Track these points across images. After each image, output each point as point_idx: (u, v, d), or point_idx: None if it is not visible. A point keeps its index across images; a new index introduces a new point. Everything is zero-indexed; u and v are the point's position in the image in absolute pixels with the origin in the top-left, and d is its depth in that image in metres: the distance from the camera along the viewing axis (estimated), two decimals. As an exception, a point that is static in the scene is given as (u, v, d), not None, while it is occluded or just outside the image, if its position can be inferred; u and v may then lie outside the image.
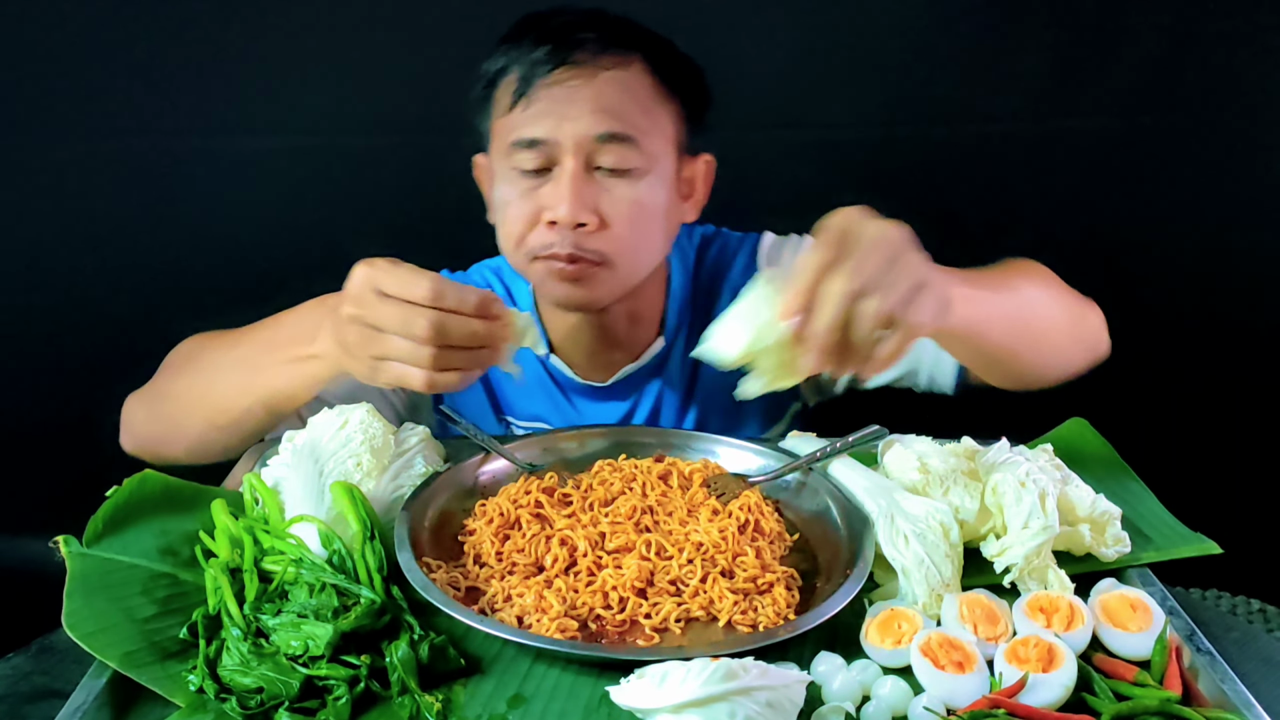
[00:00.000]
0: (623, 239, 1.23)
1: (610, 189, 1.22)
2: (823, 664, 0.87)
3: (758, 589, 0.98)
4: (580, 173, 1.20)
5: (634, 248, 1.25)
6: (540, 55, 1.21)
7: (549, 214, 1.20)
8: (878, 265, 0.86)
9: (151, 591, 0.94)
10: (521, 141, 1.21)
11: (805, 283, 0.86)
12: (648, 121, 1.24)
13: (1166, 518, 1.12)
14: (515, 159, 1.22)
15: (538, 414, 1.42)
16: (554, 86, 1.20)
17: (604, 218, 1.21)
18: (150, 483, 1.05)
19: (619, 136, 1.20)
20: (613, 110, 1.20)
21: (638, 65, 1.24)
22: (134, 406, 1.24)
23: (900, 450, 1.10)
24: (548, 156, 1.21)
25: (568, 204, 1.19)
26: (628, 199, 1.22)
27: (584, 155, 1.20)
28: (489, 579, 0.98)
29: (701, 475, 1.14)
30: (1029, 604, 0.94)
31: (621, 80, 1.22)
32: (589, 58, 1.21)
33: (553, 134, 1.20)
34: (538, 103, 1.20)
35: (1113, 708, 0.83)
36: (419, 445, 1.13)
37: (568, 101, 1.20)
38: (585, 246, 1.21)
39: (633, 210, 1.23)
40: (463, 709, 0.83)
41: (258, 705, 0.82)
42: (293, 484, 1.02)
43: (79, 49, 1.67)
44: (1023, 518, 0.97)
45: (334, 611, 0.88)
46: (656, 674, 0.78)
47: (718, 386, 1.37)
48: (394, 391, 1.36)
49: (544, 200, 1.21)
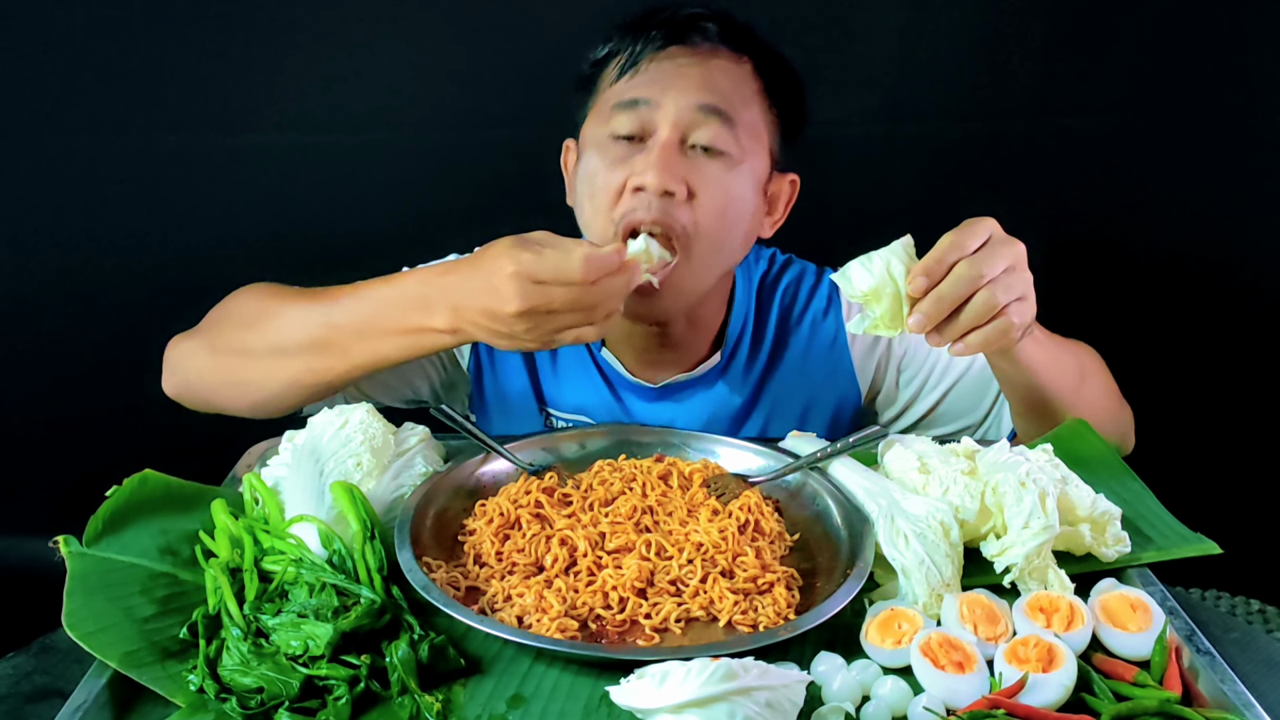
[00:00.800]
0: (707, 218, 1.21)
1: (701, 166, 1.21)
2: (823, 664, 0.87)
3: (758, 589, 0.98)
4: (674, 142, 1.20)
5: (715, 233, 1.23)
6: (657, 34, 1.23)
7: (636, 179, 1.19)
8: (1003, 267, 1.01)
9: (151, 591, 0.94)
10: (622, 103, 1.22)
11: (942, 256, 1.00)
12: (748, 115, 1.24)
13: (1166, 518, 1.12)
14: (612, 122, 1.23)
15: (582, 407, 1.40)
16: (664, 60, 1.22)
17: (692, 190, 1.20)
18: (150, 483, 1.05)
19: (719, 111, 1.20)
20: (717, 88, 1.22)
21: (748, 67, 1.26)
22: (186, 352, 1.24)
23: (900, 450, 1.10)
24: (644, 123, 1.21)
25: (656, 170, 1.18)
26: (717, 179, 1.22)
27: (681, 127, 1.20)
28: (489, 579, 0.98)
29: (701, 475, 1.14)
30: (1029, 604, 0.94)
31: (732, 71, 1.24)
32: (703, 43, 1.24)
33: (656, 97, 1.20)
34: (644, 73, 1.22)
35: (1113, 708, 0.83)
36: (419, 445, 1.13)
37: (675, 75, 1.22)
38: (671, 215, 1.19)
39: (720, 192, 1.22)
40: (463, 709, 0.83)
41: (258, 705, 0.82)
42: (293, 484, 1.02)
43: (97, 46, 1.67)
44: (1023, 518, 0.97)
45: (334, 611, 0.88)
46: (656, 674, 0.78)
47: (784, 402, 1.39)
48: (434, 371, 1.39)
49: (635, 167, 1.20)
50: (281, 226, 1.79)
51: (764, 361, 1.41)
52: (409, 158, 1.77)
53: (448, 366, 1.40)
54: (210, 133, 1.74)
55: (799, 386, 1.40)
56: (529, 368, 1.41)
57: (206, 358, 1.22)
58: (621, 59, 1.24)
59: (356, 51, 1.71)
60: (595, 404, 1.40)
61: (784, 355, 1.41)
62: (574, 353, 1.39)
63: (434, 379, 1.38)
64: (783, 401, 1.40)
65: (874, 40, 1.72)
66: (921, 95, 1.77)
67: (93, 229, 1.78)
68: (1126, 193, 1.86)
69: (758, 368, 1.40)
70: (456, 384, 1.41)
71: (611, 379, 1.40)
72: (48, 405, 1.88)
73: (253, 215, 1.80)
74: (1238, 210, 1.87)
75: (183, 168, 1.75)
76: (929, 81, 1.76)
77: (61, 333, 1.84)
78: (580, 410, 1.40)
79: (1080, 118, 1.79)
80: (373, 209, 1.79)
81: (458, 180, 1.77)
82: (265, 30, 1.69)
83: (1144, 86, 1.77)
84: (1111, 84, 1.77)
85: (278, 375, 1.17)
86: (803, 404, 1.41)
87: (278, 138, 1.75)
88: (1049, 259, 1.66)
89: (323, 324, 1.14)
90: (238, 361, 1.20)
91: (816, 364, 1.41)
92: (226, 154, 1.76)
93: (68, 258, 1.79)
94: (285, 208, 1.79)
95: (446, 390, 1.41)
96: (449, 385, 1.41)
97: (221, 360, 1.21)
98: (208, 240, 1.80)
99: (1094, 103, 1.78)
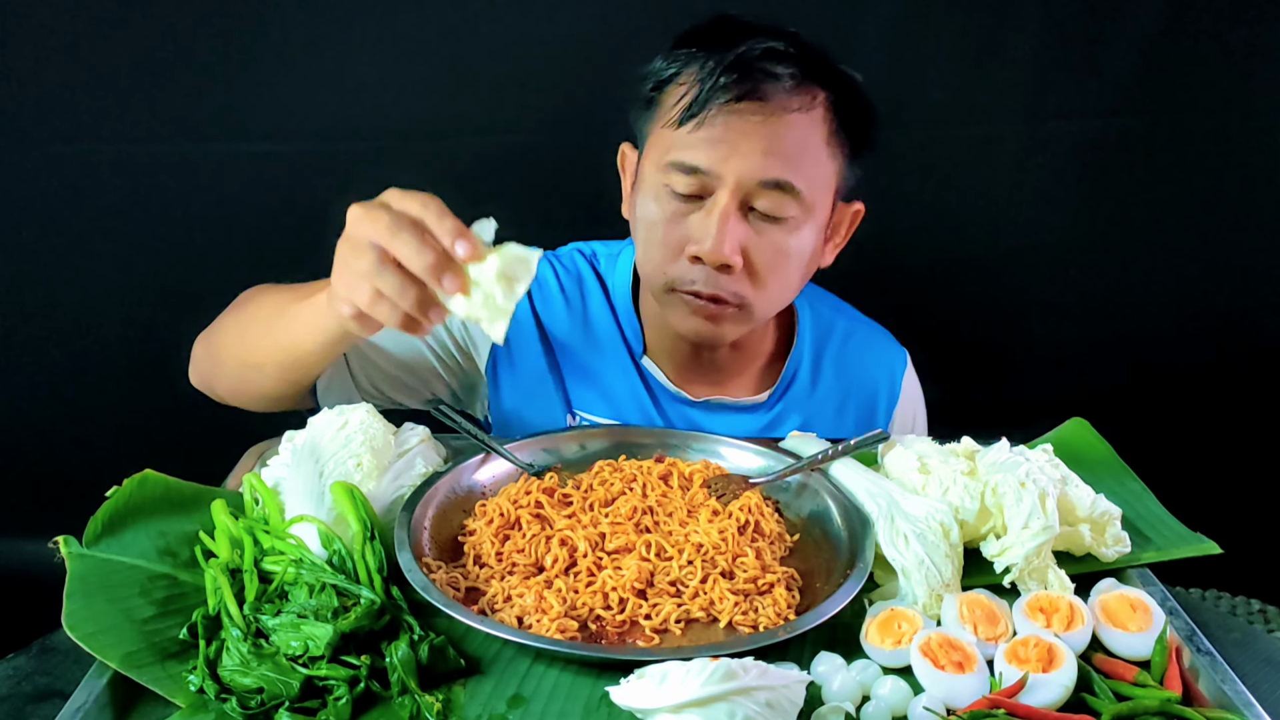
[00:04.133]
0: (765, 287, 1.21)
1: (761, 232, 1.19)
2: (823, 664, 0.87)
3: (758, 589, 0.98)
4: (734, 211, 1.16)
5: (774, 295, 1.24)
6: (726, 81, 1.14)
7: (694, 248, 1.17)
8: None
9: (151, 592, 0.93)
10: (682, 165, 1.17)
11: None
12: (816, 171, 1.20)
13: (1166, 518, 1.12)
14: (670, 179, 1.18)
15: (619, 414, 1.38)
16: (731, 116, 1.15)
17: (750, 261, 1.19)
18: (150, 483, 1.05)
19: (783, 185, 1.16)
20: (785, 156, 1.16)
21: (821, 107, 1.19)
22: (199, 348, 1.27)
23: (900, 450, 1.10)
24: (704, 185, 1.17)
25: (714, 241, 1.15)
26: (777, 247, 1.19)
27: (742, 194, 1.17)
28: (489, 579, 0.98)
29: (702, 476, 1.14)
30: (1029, 604, 0.94)
31: (801, 126, 1.17)
32: (775, 92, 1.15)
33: (716, 167, 1.15)
34: (709, 128, 1.15)
35: (1113, 708, 0.83)
36: (419, 445, 1.13)
37: (741, 136, 1.15)
38: (726, 288, 1.19)
39: (779, 258, 1.20)
40: (463, 709, 0.83)
41: (258, 705, 0.82)
42: (293, 484, 1.01)
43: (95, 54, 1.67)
44: (1023, 518, 0.97)
45: (334, 612, 0.87)
46: (656, 674, 0.78)
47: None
48: (449, 373, 1.36)
49: (692, 232, 1.18)
50: (280, 232, 1.79)
51: (812, 408, 1.41)
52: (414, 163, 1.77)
53: (464, 367, 1.38)
54: (208, 139, 1.73)
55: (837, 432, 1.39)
56: (553, 369, 1.38)
57: (203, 349, 1.26)
58: (686, 100, 1.16)
59: (353, 57, 1.71)
60: (632, 409, 1.38)
61: (831, 409, 1.42)
62: (615, 358, 1.38)
63: (451, 381, 1.37)
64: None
65: (865, 45, 1.72)
66: (910, 100, 1.76)
67: (92, 233, 1.77)
68: (1119, 195, 1.86)
69: (804, 411, 1.41)
70: (475, 385, 1.39)
71: (653, 387, 1.39)
72: (48, 405, 1.88)
73: (254, 220, 1.80)
74: (1232, 211, 1.87)
75: (181, 174, 1.75)
76: (918, 86, 1.76)
77: (61, 334, 1.83)
78: (617, 416, 1.38)
79: (1070, 121, 1.79)
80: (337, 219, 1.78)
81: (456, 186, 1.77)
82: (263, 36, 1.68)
83: (1135, 91, 1.77)
84: (1103, 88, 1.77)
85: (232, 357, 1.20)
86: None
87: (276, 144, 1.75)
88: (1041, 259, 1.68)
89: (270, 303, 1.16)
90: (214, 346, 1.23)
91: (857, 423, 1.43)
92: (224, 160, 1.75)
93: (67, 261, 1.79)
94: (283, 213, 1.79)
95: (467, 392, 1.40)
96: (468, 387, 1.39)
97: (207, 346, 1.25)
98: (207, 245, 1.79)
99: (1084, 107, 1.78)
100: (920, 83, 1.75)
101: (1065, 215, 1.87)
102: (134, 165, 1.74)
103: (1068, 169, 1.83)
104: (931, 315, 1.77)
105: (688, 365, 1.37)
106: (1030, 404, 1.55)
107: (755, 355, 1.41)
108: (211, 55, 1.69)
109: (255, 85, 1.71)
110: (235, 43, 1.68)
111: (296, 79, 1.71)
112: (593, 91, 1.68)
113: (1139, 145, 1.82)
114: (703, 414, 1.39)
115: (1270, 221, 1.88)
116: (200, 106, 1.71)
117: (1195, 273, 1.91)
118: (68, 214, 1.77)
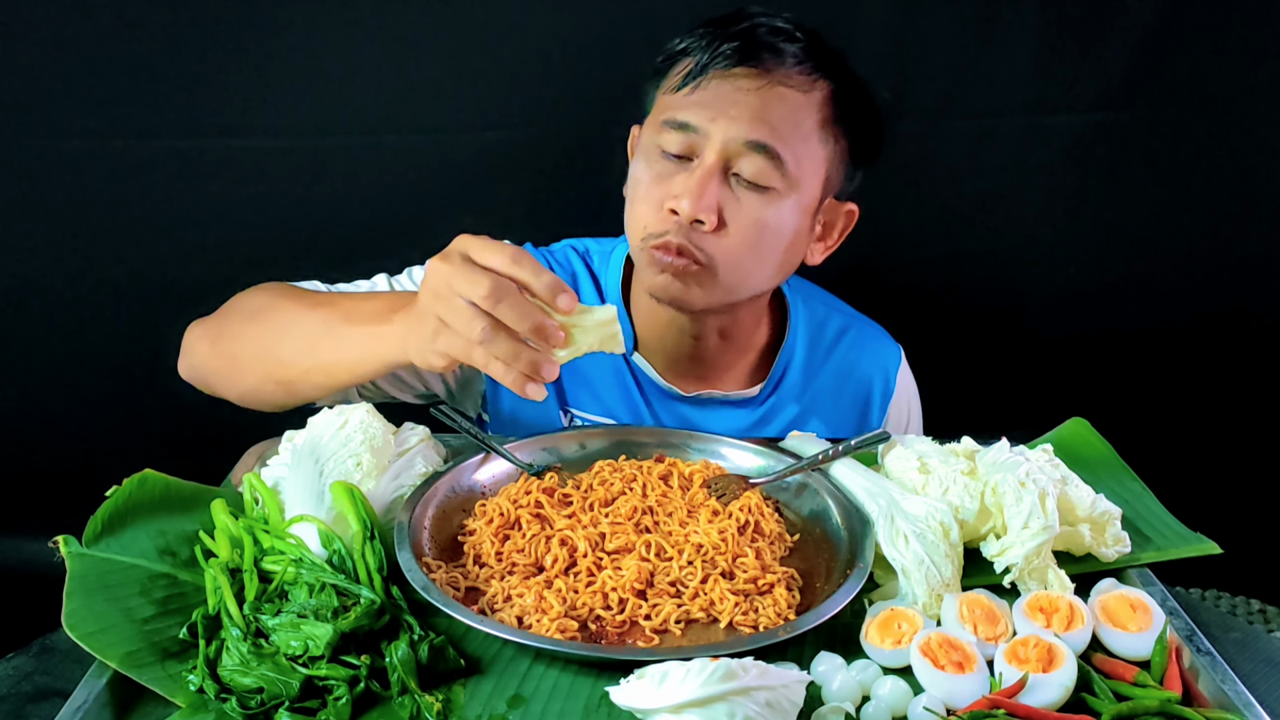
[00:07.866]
0: (734, 250, 1.22)
1: (740, 198, 1.21)
2: (823, 664, 0.87)
3: (758, 590, 0.98)
4: (715, 171, 1.19)
5: (742, 262, 1.24)
6: (728, 49, 1.19)
7: (672, 201, 1.20)
8: None
9: (151, 592, 0.93)
10: (671, 122, 1.21)
11: None
12: (805, 150, 1.22)
13: (1166, 518, 1.12)
14: (661, 137, 1.22)
15: (610, 410, 1.39)
16: (725, 81, 1.20)
17: (725, 224, 1.20)
18: (150, 483, 1.05)
19: (766, 149, 1.19)
20: (773, 125, 1.19)
21: (821, 93, 1.23)
22: (197, 335, 1.25)
23: (900, 450, 1.10)
24: (690, 145, 1.21)
25: (691, 197, 1.18)
26: (753, 213, 1.21)
27: (725, 156, 1.20)
28: (489, 579, 0.98)
29: (702, 476, 1.14)
30: (1029, 604, 0.94)
31: (795, 101, 1.21)
32: (776, 67, 1.20)
33: (705, 125, 1.19)
34: (704, 91, 1.20)
35: (1113, 708, 0.83)
36: (419, 445, 1.13)
37: (733, 100, 1.19)
38: (695, 244, 1.20)
39: (754, 226, 1.21)
40: (463, 709, 0.83)
41: (258, 705, 0.82)
42: (293, 484, 1.01)
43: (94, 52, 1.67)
44: (1023, 518, 0.97)
45: (334, 611, 0.87)
46: (656, 674, 0.78)
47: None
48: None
49: (674, 188, 1.20)
50: (280, 228, 1.79)
51: (806, 403, 1.42)
52: (408, 159, 1.77)
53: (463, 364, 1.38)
54: (206, 136, 1.73)
55: (830, 431, 1.39)
56: None
57: (207, 344, 1.25)
58: (689, 64, 1.22)
59: (351, 55, 1.71)
60: (623, 407, 1.39)
61: (825, 404, 1.42)
62: (606, 354, 1.38)
63: (448, 377, 1.37)
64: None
65: (863, 41, 1.72)
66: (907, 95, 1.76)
67: (92, 231, 1.77)
68: (1116, 191, 1.86)
69: (798, 405, 1.41)
70: (471, 380, 1.39)
71: (642, 382, 1.39)
72: (48, 405, 1.88)
73: (252, 217, 1.79)
74: (1230, 207, 1.87)
75: (180, 170, 1.75)
76: (914, 81, 1.75)
77: (61, 333, 1.83)
78: (608, 413, 1.39)
79: (1067, 115, 1.79)
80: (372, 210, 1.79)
81: (458, 181, 1.77)
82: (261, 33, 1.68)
83: (1135, 85, 1.77)
84: (1099, 82, 1.77)
85: (256, 366, 1.19)
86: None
87: (273, 140, 1.75)
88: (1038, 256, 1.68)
89: (309, 319, 1.15)
90: (231, 348, 1.22)
91: (851, 417, 1.44)
92: (222, 156, 1.75)
93: (66, 259, 1.79)
94: (283, 209, 1.79)
95: (461, 387, 1.40)
96: (463, 382, 1.39)
97: (218, 346, 1.23)
98: (207, 243, 1.79)
99: (1081, 101, 1.77)
100: (919, 75, 1.75)
101: (1065, 210, 1.87)
102: (134, 163, 1.74)
103: (1067, 163, 1.83)
104: (929, 312, 1.77)
105: (678, 360, 1.38)
106: (1030, 404, 1.56)
107: (746, 349, 1.41)
108: (209, 52, 1.68)
109: (253, 83, 1.71)
110: (233, 40, 1.68)
111: (294, 76, 1.71)
112: (589, 89, 1.68)
113: (1139, 139, 1.81)
114: (693, 409, 1.39)
115: (1271, 216, 1.88)
116: (199, 104, 1.71)
117: (1196, 269, 1.91)
118: (67, 213, 1.77)
